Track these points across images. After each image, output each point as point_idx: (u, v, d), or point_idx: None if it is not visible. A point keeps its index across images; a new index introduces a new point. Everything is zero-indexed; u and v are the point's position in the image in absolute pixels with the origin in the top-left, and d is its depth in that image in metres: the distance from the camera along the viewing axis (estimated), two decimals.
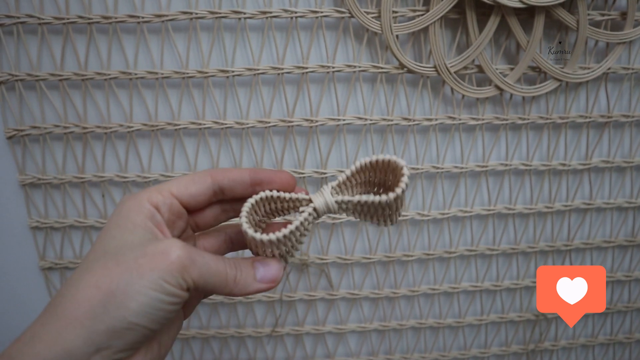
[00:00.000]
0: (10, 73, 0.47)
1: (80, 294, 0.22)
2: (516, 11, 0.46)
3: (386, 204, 0.27)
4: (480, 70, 0.49)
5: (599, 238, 0.57)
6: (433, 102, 0.50)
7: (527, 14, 0.47)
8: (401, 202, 0.27)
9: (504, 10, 0.46)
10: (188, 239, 0.29)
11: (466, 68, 0.48)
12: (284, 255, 0.28)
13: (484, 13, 0.46)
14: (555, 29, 0.49)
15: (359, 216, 0.28)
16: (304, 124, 0.49)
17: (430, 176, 0.53)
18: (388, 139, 0.51)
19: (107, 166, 0.51)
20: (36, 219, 0.52)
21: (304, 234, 0.28)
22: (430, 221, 0.55)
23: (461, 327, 0.60)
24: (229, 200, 0.29)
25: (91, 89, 0.48)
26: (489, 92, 0.49)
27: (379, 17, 0.46)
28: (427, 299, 0.59)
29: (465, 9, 0.46)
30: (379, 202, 0.27)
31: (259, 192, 0.28)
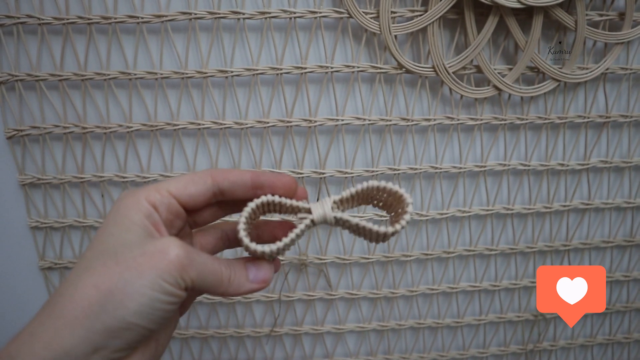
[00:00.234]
0: (10, 73, 0.47)
1: (79, 293, 0.22)
2: (514, 11, 0.46)
3: (383, 235, 0.27)
4: (479, 70, 0.49)
5: (597, 238, 0.57)
6: (431, 102, 0.50)
7: (525, 14, 0.47)
8: (397, 233, 0.27)
9: (502, 10, 0.46)
10: (185, 237, 0.29)
11: (465, 68, 0.49)
12: (275, 256, 0.28)
13: (482, 13, 0.46)
14: (554, 29, 0.49)
15: (353, 232, 0.28)
16: (302, 124, 0.49)
17: (428, 176, 0.54)
18: (387, 139, 0.51)
19: (107, 166, 0.51)
20: (36, 218, 0.53)
21: (298, 240, 0.28)
22: (429, 221, 0.55)
23: (460, 327, 0.60)
24: (228, 201, 0.29)
25: (91, 89, 0.48)
26: (487, 92, 0.49)
27: (377, 18, 0.46)
28: (425, 299, 0.59)
29: (463, 9, 0.46)
30: (376, 232, 0.27)
31: (259, 195, 0.27)
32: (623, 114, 0.52)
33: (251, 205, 0.27)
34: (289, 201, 0.28)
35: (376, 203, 0.29)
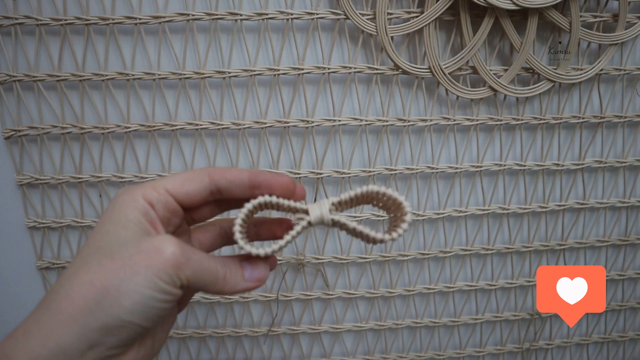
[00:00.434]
0: (8, 74, 0.47)
1: (75, 290, 0.22)
2: (509, 13, 0.46)
3: (380, 240, 0.27)
4: (475, 71, 0.49)
5: (592, 237, 0.58)
6: (428, 103, 0.51)
7: (520, 16, 0.47)
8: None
9: (497, 12, 0.46)
10: (183, 233, 0.29)
11: (460, 69, 0.49)
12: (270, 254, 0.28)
13: (478, 15, 0.47)
14: (549, 30, 0.50)
15: (349, 234, 0.28)
16: (300, 125, 0.50)
17: (425, 176, 0.54)
18: (383, 140, 0.52)
19: (105, 166, 0.52)
20: (33, 218, 0.53)
21: (294, 239, 0.28)
22: (426, 221, 0.56)
23: (456, 327, 0.60)
24: (225, 200, 0.29)
25: (89, 89, 0.48)
26: (483, 93, 0.50)
27: (374, 19, 0.46)
28: (422, 298, 0.59)
29: (459, 10, 0.46)
30: (373, 238, 0.27)
31: (257, 195, 0.27)
32: (617, 114, 0.53)
33: (248, 207, 0.27)
34: (286, 202, 0.28)
35: (375, 203, 0.29)
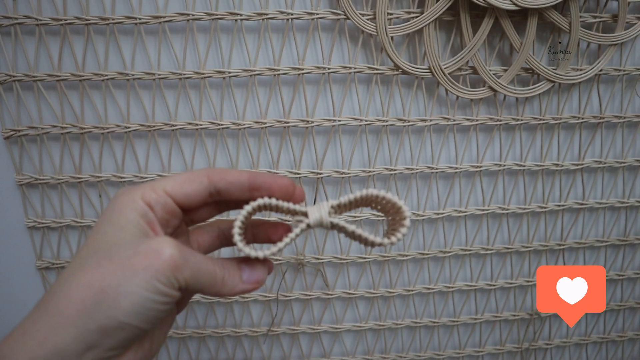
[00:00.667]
0: (7, 73, 0.47)
1: (73, 291, 0.22)
2: (509, 13, 0.46)
3: (379, 244, 0.27)
4: (474, 71, 0.49)
5: (592, 237, 0.58)
6: (428, 103, 0.51)
7: (520, 16, 0.47)
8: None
9: (497, 12, 0.46)
10: (181, 234, 0.29)
11: (460, 69, 0.49)
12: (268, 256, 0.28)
13: (478, 15, 0.47)
14: (548, 31, 0.50)
15: (348, 237, 0.28)
16: (299, 125, 0.50)
17: (425, 176, 0.54)
18: (383, 140, 0.52)
19: (104, 166, 0.52)
20: (33, 218, 0.53)
21: (292, 242, 0.28)
22: (425, 221, 0.56)
23: (456, 326, 0.60)
24: (224, 201, 0.29)
25: (88, 89, 0.48)
26: (483, 93, 0.50)
27: (374, 19, 0.46)
28: (422, 298, 0.59)
29: (459, 11, 0.46)
30: (372, 242, 0.27)
31: (256, 197, 0.27)
32: (617, 114, 0.53)
33: (247, 209, 0.27)
34: (285, 204, 0.27)
35: (374, 206, 0.29)
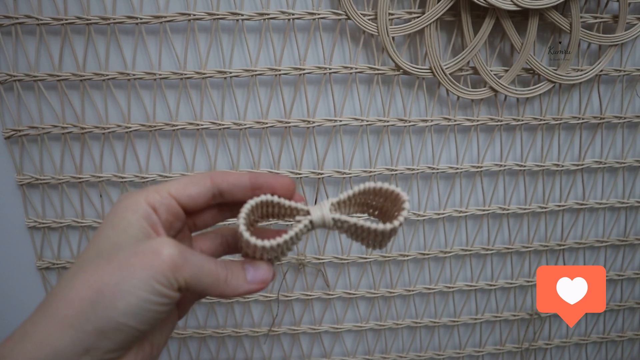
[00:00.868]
0: (8, 73, 0.47)
1: (72, 293, 0.22)
2: (510, 14, 0.47)
3: (381, 233, 0.27)
4: (475, 72, 0.49)
5: (592, 238, 0.58)
6: (428, 103, 0.51)
7: (521, 17, 0.47)
8: (395, 232, 0.27)
9: (498, 12, 0.46)
10: (184, 240, 0.29)
11: (461, 70, 0.49)
12: (272, 259, 0.28)
13: (479, 15, 0.47)
14: (549, 31, 0.50)
15: (351, 236, 0.28)
16: (301, 125, 0.50)
17: (425, 177, 0.54)
18: (384, 140, 0.52)
19: (105, 166, 0.51)
20: (34, 218, 0.53)
21: (296, 242, 0.28)
22: (426, 221, 0.56)
23: (456, 326, 0.61)
24: (227, 203, 0.29)
25: (89, 89, 0.48)
26: (483, 93, 0.50)
27: (375, 19, 0.46)
28: (422, 298, 0.59)
29: (460, 11, 0.46)
30: (374, 230, 0.27)
31: (259, 195, 0.27)
32: (617, 115, 0.53)
33: (251, 203, 0.27)
34: (287, 202, 0.28)
35: (372, 212, 0.29)
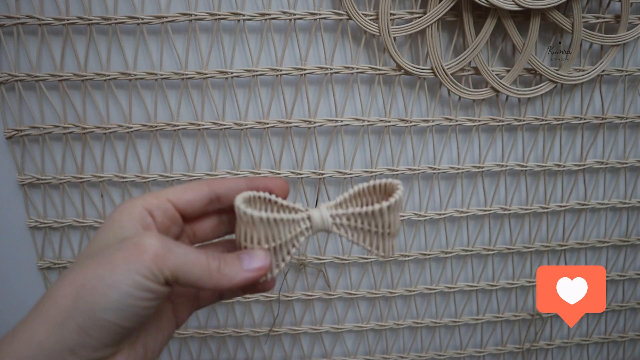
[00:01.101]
0: (10, 73, 0.47)
1: (58, 292, 0.22)
2: (512, 14, 0.46)
3: (379, 214, 0.27)
4: (477, 72, 0.49)
5: (593, 238, 0.58)
6: (430, 103, 0.51)
7: (522, 17, 0.47)
8: (395, 219, 0.27)
9: (500, 12, 0.46)
10: None
11: (463, 70, 0.49)
12: (271, 261, 0.28)
13: (481, 15, 0.47)
14: (551, 31, 0.50)
15: (353, 235, 0.28)
16: (302, 125, 0.50)
17: (427, 177, 0.54)
18: (385, 140, 0.52)
19: (106, 166, 0.51)
20: (35, 218, 0.53)
21: (295, 245, 0.27)
22: (427, 221, 0.56)
23: (457, 327, 0.60)
24: (226, 211, 0.29)
25: (91, 89, 0.48)
26: (485, 93, 0.50)
27: (376, 20, 0.46)
28: (423, 298, 0.59)
29: (462, 11, 0.46)
30: (372, 212, 0.26)
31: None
32: (619, 115, 0.53)
33: (249, 193, 0.27)
34: (286, 202, 0.28)
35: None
